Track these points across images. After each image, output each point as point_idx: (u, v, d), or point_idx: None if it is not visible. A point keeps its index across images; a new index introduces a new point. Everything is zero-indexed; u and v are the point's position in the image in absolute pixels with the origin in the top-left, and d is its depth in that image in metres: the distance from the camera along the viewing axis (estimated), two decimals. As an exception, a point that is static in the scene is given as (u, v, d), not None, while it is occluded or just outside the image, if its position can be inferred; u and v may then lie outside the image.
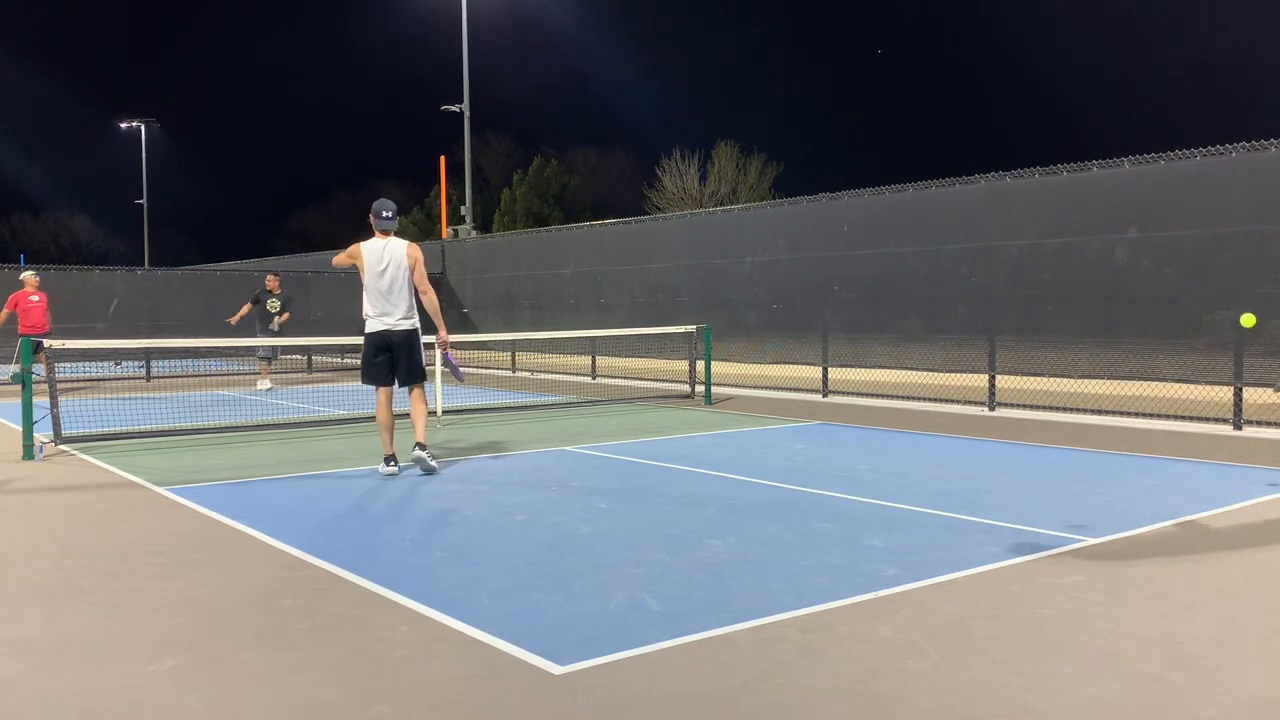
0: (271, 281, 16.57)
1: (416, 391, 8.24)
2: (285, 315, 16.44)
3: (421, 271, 8.05)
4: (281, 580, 4.98)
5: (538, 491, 7.23)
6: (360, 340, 8.32)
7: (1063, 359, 11.66)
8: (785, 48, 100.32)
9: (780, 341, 15.04)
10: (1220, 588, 4.72)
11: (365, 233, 8.22)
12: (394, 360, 8.06)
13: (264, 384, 16.33)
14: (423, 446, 8.02)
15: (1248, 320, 7.96)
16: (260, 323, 16.27)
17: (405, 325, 8.03)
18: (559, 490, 7.28)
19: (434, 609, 4.45)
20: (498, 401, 13.46)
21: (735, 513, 6.43)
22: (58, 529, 6.22)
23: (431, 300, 8.21)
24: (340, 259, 8.14)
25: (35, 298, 14.91)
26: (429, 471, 7.98)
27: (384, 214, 8.05)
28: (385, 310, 7.97)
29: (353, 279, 8.91)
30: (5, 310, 14.79)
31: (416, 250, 8.05)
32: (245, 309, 16.40)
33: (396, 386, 8.22)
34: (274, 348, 16.46)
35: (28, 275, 15.26)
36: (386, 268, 7.91)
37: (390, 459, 8.08)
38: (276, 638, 4.13)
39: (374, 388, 8.24)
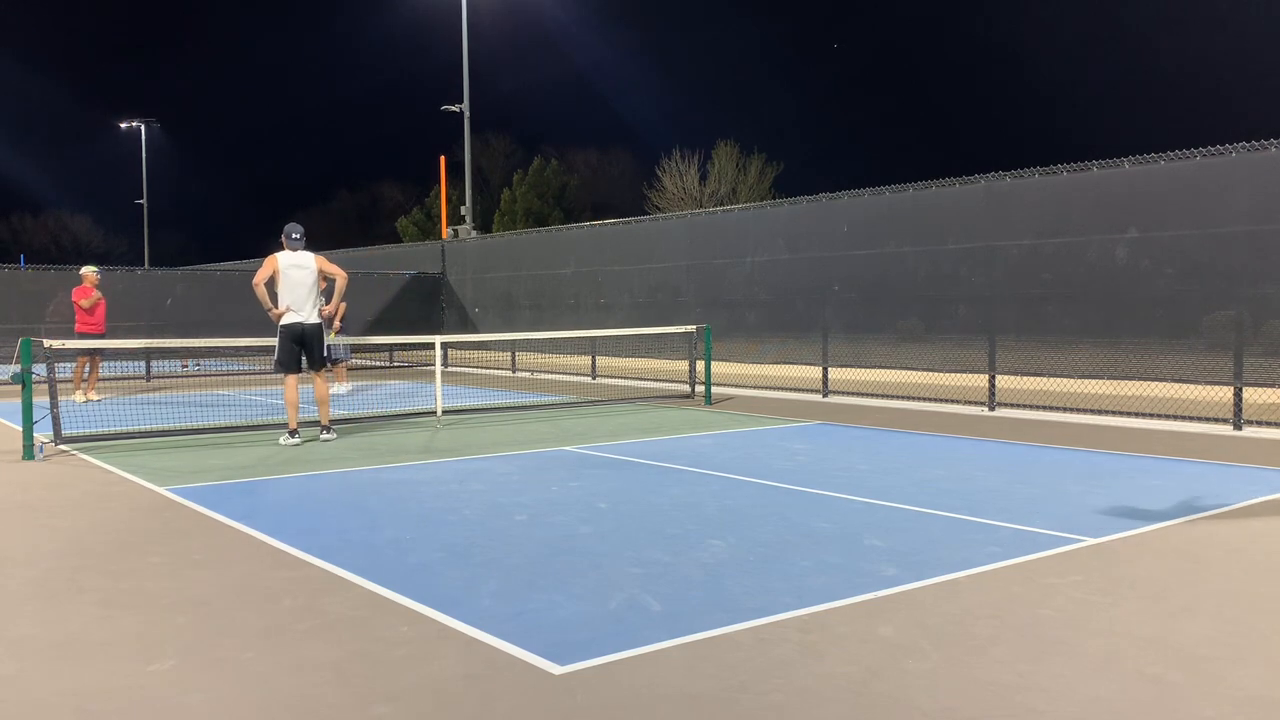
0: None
1: (320, 376, 10.06)
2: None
3: (329, 265, 10.02)
4: (281, 580, 4.98)
5: (538, 491, 7.23)
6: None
7: (1063, 359, 11.66)
8: (786, 47, 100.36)
9: (780, 341, 15.05)
10: (1220, 588, 4.72)
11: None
12: (305, 350, 9.82)
13: (342, 387, 15.37)
14: (327, 429, 10.05)
15: None
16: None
17: (314, 320, 9.82)
18: (559, 490, 7.28)
19: (434, 609, 4.45)
20: (498, 401, 13.46)
21: (735, 513, 6.43)
22: (58, 529, 6.22)
23: (342, 277, 10.17)
24: (261, 274, 9.62)
25: (96, 294, 14.33)
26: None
27: (293, 235, 9.89)
28: (299, 307, 9.70)
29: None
30: (88, 300, 14.12)
31: (321, 257, 10.01)
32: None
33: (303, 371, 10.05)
34: (345, 347, 15.39)
35: (88, 271, 14.59)
36: (300, 272, 9.71)
37: (294, 432, 9.78)
38: (276, 638, 4.13)
39: (287, 374, 9.85)
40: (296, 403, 9.79)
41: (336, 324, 10.11)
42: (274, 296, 9.79)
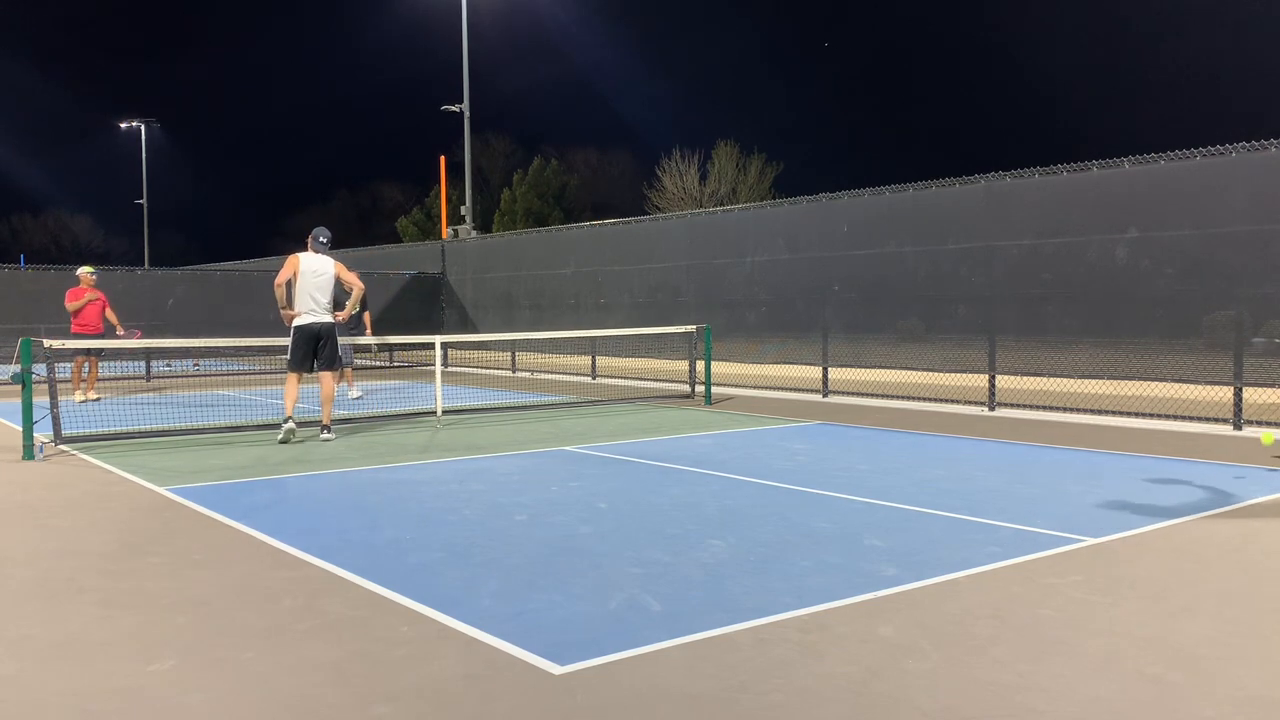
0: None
1: (329, 375, 10.26)
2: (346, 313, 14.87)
3: (347, 274, 10.31)
4: (281, 580, 4.98)
5: (538, 491, 7.23)
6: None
7: (1063, 359, 11.66)
8: (785, 48, 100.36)
9: (780, 341, 15.05)
10: (1220, 588, 4.72)
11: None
12: (317, 349, 10.01)
13: (352, 391, 14.65)
14: (327, 429, 10.15)
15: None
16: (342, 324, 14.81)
17: (327, 319, 10.08)
18: (559, 490, 7.28)
19: (434, 609, 4.45)
20: (498, 401, 13.46)
21: (735, 513, 6.43)
22: (58, 529, 6.22)
23: (359, 288, 10.49)
24: (281, 274, 9.91)
25: (91, 296, 14.17)
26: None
27: (320, 239, 10.22)
28: (313, 308, 9.92)
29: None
30: (75, 304, 13.96)
31: (340, 264, 10.26)
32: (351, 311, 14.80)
33: (313, 370, 10.18)
34: (349, 349, 14.51)
35: (82, 272, 14.42)
36: (318, 276, 9.94)
37: (288, 418, 9.91)
38: (276, 638, 4.13)
39: (292, 372, 10.09)
40: (295, 397, 10.05)
41: (368, 330, 10.18)
42: (291, 296, 9.97)
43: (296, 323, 9.92)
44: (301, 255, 10.01)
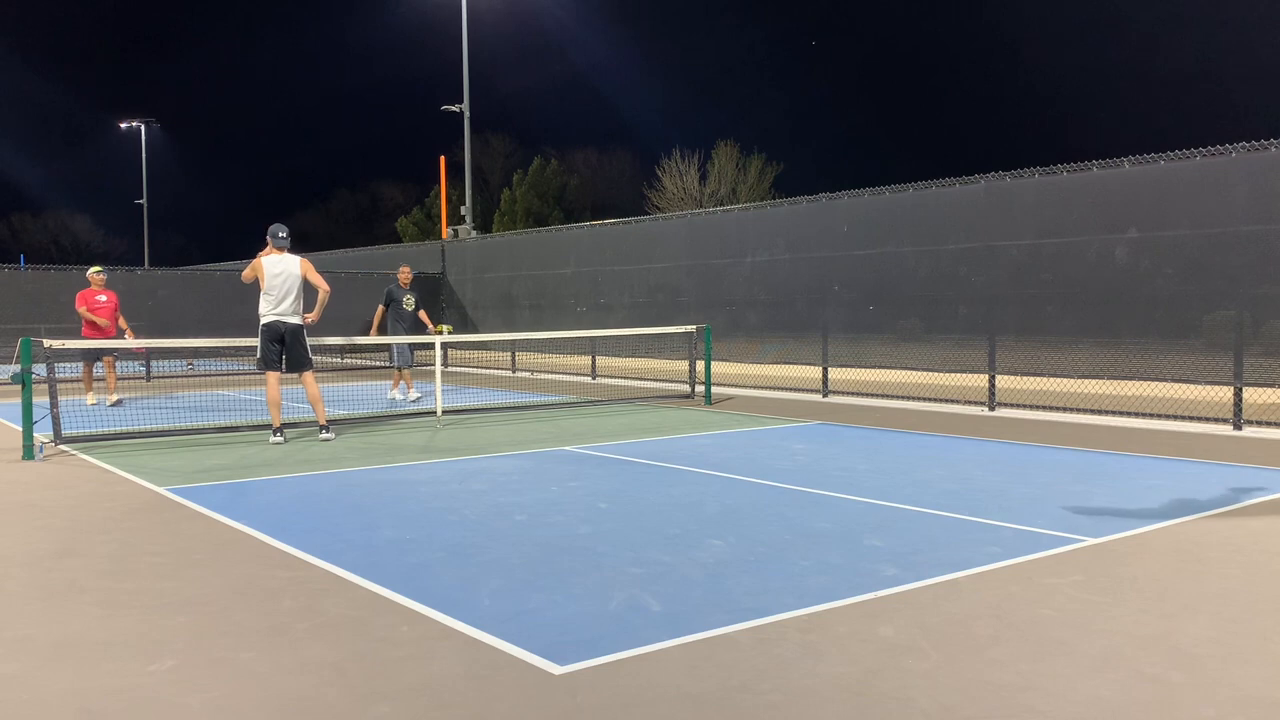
0: (405, 274, 14.35)
1: (307, 376, 10.12)
2: (422, 312, 14.37)
3: (314, 274, 10.04)
4: (281, 580, 4.98)
5: (538, 491, 7.23)
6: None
7: (1063, 359, 11.67)
8: (786, 48, 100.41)
9: (780, 341, 15.05)
10: (1220, 588, 4.72)
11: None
12: (284, 349, 9.90)
13: (397, 393, 14.44)
14: (325, 429, 10.09)
15: None
16: (400, 323, 14.08)
17: (293, 320, 9.92)
18: (559, 490, 7.28)
19: (434, 609, 4.45)
20: (498, 401, 13.46)
21: (735, 513, 6.43)
22: (58, 529, 6.22)
23: (325, 290, 10.03)
24: (246, 274, 10.01)
25: (102, 297, 13.88)
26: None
27: (280, 235, 10.07)
28: (278, 308, 9.81)
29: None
30: (85, 312, 13.63)
31: (307, 262, 10.10)
32: (379, 315, 14.28)
33: (284, 371, 10.09)
34: (412, 348, 14.26)
35: (93, 273, 14.21)
36: (282, 276, 9.83)
37: (278, 431, 9.85)
38: (276, 638, 4.13)
39: (268, 372, 9.97)
40: (278, 401, 9.91)
41: (431, 327, 9.94)
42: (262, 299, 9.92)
43: (263, 321, 9.85)
44: (265, 259, 9.84)
